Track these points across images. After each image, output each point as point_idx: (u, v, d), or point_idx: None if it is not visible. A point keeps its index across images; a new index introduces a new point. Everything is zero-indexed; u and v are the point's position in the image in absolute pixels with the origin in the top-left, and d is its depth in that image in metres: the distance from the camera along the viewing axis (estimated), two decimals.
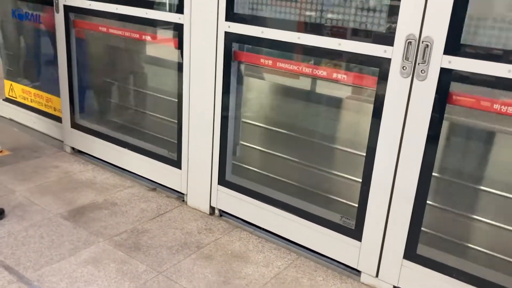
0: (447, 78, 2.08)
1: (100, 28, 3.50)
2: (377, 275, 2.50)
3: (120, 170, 3.65)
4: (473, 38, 2.03)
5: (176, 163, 3.23)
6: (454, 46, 2.03)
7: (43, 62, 4.34)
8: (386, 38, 2.20)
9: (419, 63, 2.12)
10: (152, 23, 3.13)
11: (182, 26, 2.92)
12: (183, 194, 3.29)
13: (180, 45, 2.97)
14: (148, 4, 3.08)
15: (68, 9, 3.57)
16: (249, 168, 3.13)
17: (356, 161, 2.60)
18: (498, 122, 2.18)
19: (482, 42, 2.01)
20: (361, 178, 2.45)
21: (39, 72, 4.43)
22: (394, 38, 2.16)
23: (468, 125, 2.35)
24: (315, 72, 2.55)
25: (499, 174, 2.38)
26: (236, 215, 3.05)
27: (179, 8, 2.91)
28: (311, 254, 2.75)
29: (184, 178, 3.22)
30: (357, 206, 2.49)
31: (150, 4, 3.08)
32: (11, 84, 4.58)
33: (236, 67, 2.83)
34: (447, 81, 2.08)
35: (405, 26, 2.12)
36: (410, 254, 2.36)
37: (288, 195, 2.81)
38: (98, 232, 2.86)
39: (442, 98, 2.11)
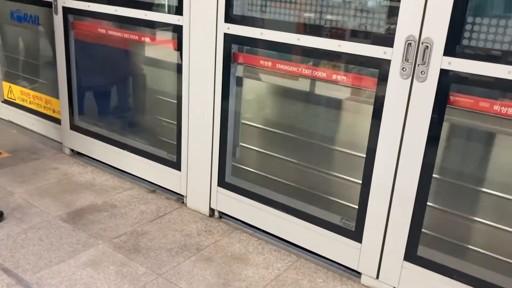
0: (447, 80, 2.08)
1: (99, 30, 3.49)
2: (377, 277, 2.49)
3: (119, 172, 3.65)
4: (473, 38, 2.03)
5: (176, 164, 3.23)
6: (454, 48, 2.03)
7: (42, 64, 4.33)
8: (386, 40, 2.20)
9: (419, 65, 2.12)
10: (151, 25, 3.13)
11: (181, 27, 2.92)
12: (183, 196, 3.28)
13: (180, 46, 2.97)
14: (147, 5, 3.08)
15: (67, 10, 3.57)
16: (249, 170, 3.12)
17: (356, 162, 2.59)
18: (499, 123, 2.18)
19: (482, 43, 2.00)
20: (361, 179, 2.45)
21: (38, 73, 4.42)
22: (394, 40, 2.16)
23: (468, 126, 2.34)
24: (315, 73, 2.55)
25: (500, 175, 2.38)
26: (236, 217, 3.04)
27: (178, 9, 2.91)
28: (311, 256, 2.75)
29: (184, 180, 3.21)
30: (357, 207, 2.49)
31: (149, 6, 3.08)
32: (10, 86, 4.58)
33: (235, 69, 2.83)
34: (447, 82, 2.08)
35: (405, 27, 2.12)
36: (411, 256, 2.35)
37: (288, 197, 2.80)
38: (98, 234, 2.85)
39: (442, 100, 2.11)
